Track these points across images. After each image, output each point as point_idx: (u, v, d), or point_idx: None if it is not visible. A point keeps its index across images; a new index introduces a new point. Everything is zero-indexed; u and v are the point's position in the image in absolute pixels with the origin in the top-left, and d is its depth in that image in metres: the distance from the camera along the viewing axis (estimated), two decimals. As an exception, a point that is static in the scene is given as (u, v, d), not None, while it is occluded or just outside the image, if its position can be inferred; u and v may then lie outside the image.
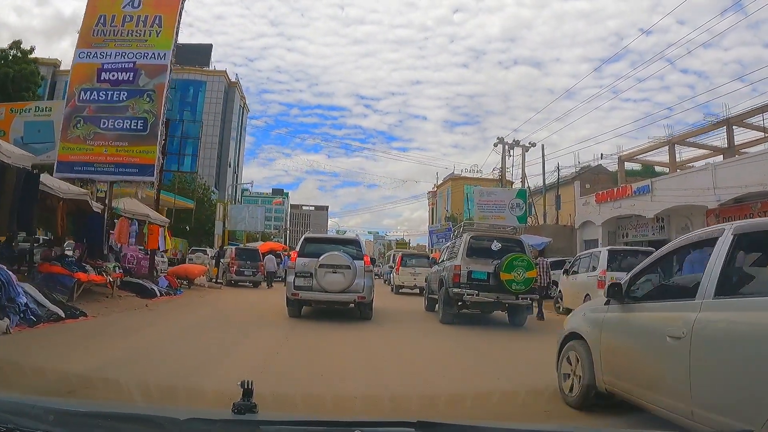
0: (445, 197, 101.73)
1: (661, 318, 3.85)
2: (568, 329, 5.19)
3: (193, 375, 5.55)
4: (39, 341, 7.05)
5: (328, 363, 6.75)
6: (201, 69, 77.46)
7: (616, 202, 26.72)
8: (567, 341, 5.10)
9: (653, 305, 4.14)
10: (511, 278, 10.77)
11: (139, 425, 1.75)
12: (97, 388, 4.58)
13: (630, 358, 4.20)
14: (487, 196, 27.57)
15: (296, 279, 10.69)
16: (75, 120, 15.59)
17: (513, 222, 27.70)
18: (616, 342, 4.40)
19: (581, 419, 4.44)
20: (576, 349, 4.87)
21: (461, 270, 11.10)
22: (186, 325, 10.02)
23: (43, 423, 1.61)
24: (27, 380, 4.72)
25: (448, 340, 9.45)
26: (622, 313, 4.38)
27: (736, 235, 3.50)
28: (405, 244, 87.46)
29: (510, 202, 27.85)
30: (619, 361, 4.31)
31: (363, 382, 5.85)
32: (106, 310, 10.97)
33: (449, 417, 4.02)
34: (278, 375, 5.81)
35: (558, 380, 5.07)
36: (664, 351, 3.61)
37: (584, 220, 29.23)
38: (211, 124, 77.18)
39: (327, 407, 4.56)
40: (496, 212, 27.54)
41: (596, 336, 4.61)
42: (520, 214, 28.04)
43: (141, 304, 12.31)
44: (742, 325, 3.16)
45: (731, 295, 3.40)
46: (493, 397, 5.07)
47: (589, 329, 4.78)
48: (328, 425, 1.89)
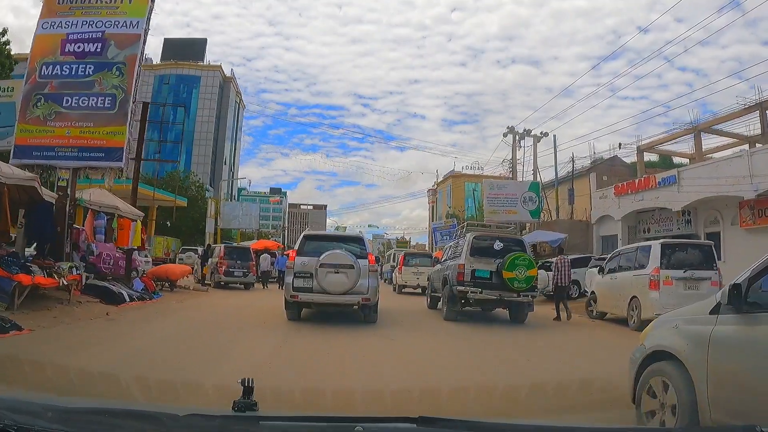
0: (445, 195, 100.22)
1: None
2: (651, 346, 3.87)
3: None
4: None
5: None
6: (195, 64, 75.33)
7: (637, 194, 24.71)
8: (649, 362, 3.82)
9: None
10: (513, 276, 11.10)
11: (139, 421, 1.75)
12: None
13: (762, 390, 2.96)
14: (497, 190, 25.56)
15: (295, 280, 10.03)
16: (35, 98, 13.49)
17: (526, 217, 25.80)
18: (736, 367, 3.20)
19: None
20: (667, 373, 3.61)
21: (465, 269, 11.41)
22: (144, 344, 7.79)
23: (41, 420, 1.59)
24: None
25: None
26: (742, 327, 3.22)
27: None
28: (406, 243, 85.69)
29: (522, 195, 25.84)
30: (741, 395, 3.12)
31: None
32: (54, 320, 8.93)
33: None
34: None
35: (637, 412, 3.84)
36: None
37: (601, 215, 27.23)
38: (205, 120, 75.27)
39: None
40: (507, 206, 25.54)
41: (700, 357, 3.39)
42: (533, 208, 26.05)
43: (102, 312, 10.25)
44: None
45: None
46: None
47: (688, 347, 3.53)
48: (329, 421, 1.89)
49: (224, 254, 19.89)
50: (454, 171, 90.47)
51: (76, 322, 9.04)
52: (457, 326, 10.91)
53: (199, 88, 76.42)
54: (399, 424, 1.82)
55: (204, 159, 71.45)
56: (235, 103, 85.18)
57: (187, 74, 76.67)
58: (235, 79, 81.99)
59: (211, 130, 75.10)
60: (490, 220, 26.71)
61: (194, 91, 76.58)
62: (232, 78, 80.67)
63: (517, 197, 25.66)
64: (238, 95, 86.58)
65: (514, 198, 25.60)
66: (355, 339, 8.53)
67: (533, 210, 25.97)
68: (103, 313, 10.16)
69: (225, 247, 20.63)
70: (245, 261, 20.18)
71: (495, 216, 25.55)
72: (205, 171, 69.74)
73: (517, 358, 7.57)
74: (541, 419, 3.87)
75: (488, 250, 11.69)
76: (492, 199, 25.32)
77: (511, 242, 12.19)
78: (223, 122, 78.75)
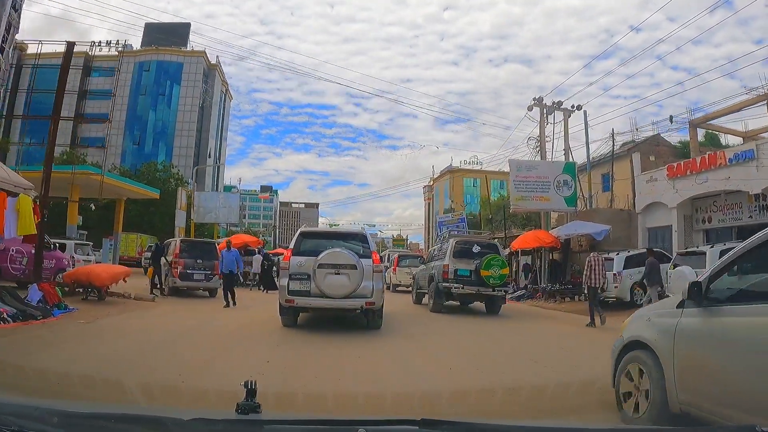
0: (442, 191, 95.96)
1: (762, 324, 3.27)
2: (628, 337, 4.56)
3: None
4: None
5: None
6: (177, 49, 70.07)
7: (700, 174, 20.10)
8: (627, 351, 4.50)
9: (749, 309, 3.49)
10: (489, 274, 13.05)
11: (143, 426, 1.74)
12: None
13: (720, 374, 3.59)
14: (526, 171, 20.80)
15: (291, 282, 9.11)
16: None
17: (560, 204, 21.12)
18: (697, 354, 3.81)
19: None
20: (641, 361, 4.26)
21: (449, 268, 13.25)
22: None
23: (46, 425, 1.61)
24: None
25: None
26: (705, 318, 3.77)
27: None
28: (402, 241, 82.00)
29: (556, 178, 21.12)
30: (702, 378, 3.71)
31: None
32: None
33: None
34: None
35: (616, 398, 4.47)
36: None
37: (649, 202, 22.58)
38: (188, 109, 70.04)
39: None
40: (538, 192, 20.81)
41: (668, 346, 3.98)
42: (568, 194, 21.33)
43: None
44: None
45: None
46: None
47: (659, 338, 4.14)
48: (332, 424, 1.88)
49: (180, 251, 15.03)
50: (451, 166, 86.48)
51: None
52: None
53: (181, 75, 71.04)
54: (401, 426, 1.82)
55: (186, 151, 66.11)
56: (222, 93, 79.82)
57: (168, 61, 71.29)
58: (221, 67, 76.63)
59: (194, 120, 69.66)
60: (518, 208, 22.05)
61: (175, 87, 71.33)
62: (218, 66, 75.21)
63: (549, 181, 20.93)
64: (224, 85, 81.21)
65: (545, 182, 20.87)
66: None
67: (569, 197, 21.26)
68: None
69: (182, 242, 15.67)
70: (209, 260, 15.33)
71: (524, 203, 20.86)
72: (188, 164, 64.46)
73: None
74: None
75: (468, 252, 13.44)
76: (520, 183, 20.57)
77: (487, 246, 14.14)
78: (208, 112, 73.38)
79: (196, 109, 69.99)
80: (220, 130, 79.63)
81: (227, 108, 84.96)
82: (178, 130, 68.67)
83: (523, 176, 20.57)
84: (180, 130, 68.65)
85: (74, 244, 17.77)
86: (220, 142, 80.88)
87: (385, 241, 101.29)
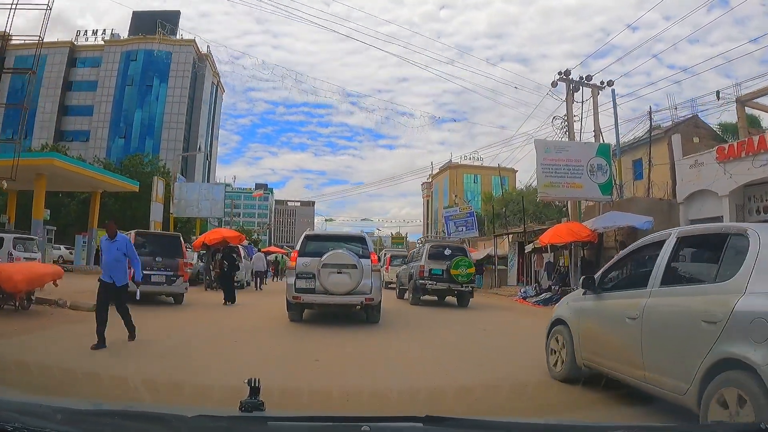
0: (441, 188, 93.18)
1: (622, 304, 4.92)
2: (555, 316, 6.28)
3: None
4: None
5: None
6: (166, 38, 66.65)
7: (757, 156, 17.13)
8: (554, 326, 6.18)
9: (617, 294, 5.26)
10: (458, 273, 15.15)
11: (147, 423, 1.73)
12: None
13: (600, 337, 5.33)
14: (555, 153, 17.75)
15: (297, 281, 9.91)
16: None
17: (594, 192, 18.12)
18: (590, 325, 5.53)
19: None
20: (561, 332, 5.97)
21: (425, 268, 15.52)
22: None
23: (51, 422, 1.57)
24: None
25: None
26: (595, 302, 5.51)
27: (679, 237, 4.64)
28: (402, 239, 79.56)
29: (589, 162, 18.10)
30: (592, 341, 5.44)
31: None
32: None
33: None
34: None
35: (546, 357, 6.20)
36: (625, 330, 4.72)
37: (693, 190, 19.58)
38: (177, 101, 66.66)
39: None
40: (569, 178, 17.80)
41: (576, 321, 5.75)
42: (603, 180, 18.32)
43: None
44: (676, 307, 4.23)
45: (672, 284, 4.47)
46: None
47: (571, 316, 5.90)
48: (336, 421, 1.87)
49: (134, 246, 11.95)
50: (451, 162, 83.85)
51: None
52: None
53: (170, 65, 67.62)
54: (405, 423, 1.83)
55: (174, 145, 62.62)
56: (213, 85, 76.40)
57: (156, 50, 67.84)
58: (212, 57, 73.13)
59: (183, 112, 66.20)
60: (546, 196, 18.99)
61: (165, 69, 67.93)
62: (209, 56, 71.69)
63: (581, 165, 17.91)
64: (215, 76, 77.74)
65: (577, 166, 17.84)
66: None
67: (603, 183, 18.25)
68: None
69: (137, 235, 12.50)
70: (170, 257, 12.21)
71: (553, 191, 17.84)
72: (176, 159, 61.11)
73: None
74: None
75: (441, 254, 15.91)
76: (548, 167, 17.52)
77: (457, 249, 16.85)
78: (198, 105, 69.95)
79: (185, 101, 66.64)
80: (211, 123, 76.21)
81: (219, 101, 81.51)
82: (166, 123, 65.34)
83: (551, 159, 17.53)
84: (168, 123, 65.32)
85: (13, 239, 14.51)
86: (211, 136, 77.53)
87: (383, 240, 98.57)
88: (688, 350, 3.90)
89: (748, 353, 3.40)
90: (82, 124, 69.47)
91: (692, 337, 3.89)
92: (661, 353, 4.24)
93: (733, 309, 3.63)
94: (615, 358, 4.92)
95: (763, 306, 3.47)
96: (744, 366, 3.40)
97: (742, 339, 3.50)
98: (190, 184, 33.62)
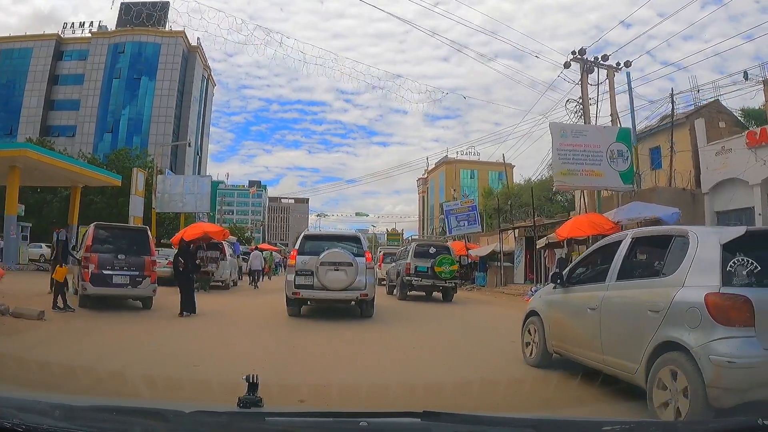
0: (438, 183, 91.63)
1: (584, 296, 5.55)
2: (529, 308, 7.00)
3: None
4: None
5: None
6: (154, 29, 64.49)
7: (797, 140, 15.59)
8: (528, 317, 6.81)
9: (581, 288, 5.84)
10: (441, 270, 16.03)
11: (145, 419, 1.71)
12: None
13: (567, 326, 5.95)
14: (572, 138, 16.04)
15: (297, 277, 10.46)
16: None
17: (614, 181, 16.50)
18: (558, 315, 6.15)
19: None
20: (534, 323, 6.59)
21: (411, 265, 16.39)
22: None
23: (48, 418, 1.56)
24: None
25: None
26: (562, 295, 6.11)
27: (634, 238, 5.27)
28: (398, 235, 78.37)
29: (609, 148, 16.43)
30: (560, 329, 6.05)
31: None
32: None
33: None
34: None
35: (521, 345, 6.85)
36: (586, 319, 5.34)
37: (720, 179, 18.03)
38: (165, 94, 64.59)
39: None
40: (588, 164, 16.13)
41: (547, 312, 6.37)
42: (624, 168, 16.67)
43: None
44: (628, 298, 4.85)
45: (626, 279, 5.06)
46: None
47: (542, 308, 6.54)
48: (334, 416, 1.89)
49: (93, 242, 10.16)
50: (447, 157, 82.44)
51: None
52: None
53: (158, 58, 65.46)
54: (403, 418, 1.85)
55: (163, 139, 60.28)
56: (203, 78, 74.23)
57: (145, 42, 65.70)
58: (203, 50, 70.92)
59: (172, 105, 64.04)
60: (563, 185, 17.32)
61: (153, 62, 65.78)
62: (199, 48, 69.48)
63: (601, 150, 16.23)
64: (206, 69, 75.56)
65: (597, 152, 16.16)
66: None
67: (625, 171, 16.59)
68: None
69: (97, 229, 10.63)
70: (136, 255, 10.40)
71: (570, 179, 16.14)
72: (165, 153, 59.11)
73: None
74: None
75: (426, 253, 16.71)
76: (565, 153, 15.81)
77: (441, 248, 17.87)
78: (188, 98, 67.78)
79: (174, 94, 64.55)
80: (202, 117, 74.09)
81: (210, 95, 79.35)
82: (155, 117, 63.24)
83: (568, 144, 15.83)
84: (156, 117, 63.23)
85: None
86: (202, 131, 75.45)
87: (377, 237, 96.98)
88: (637, 336, 4.49)
89: (683, 336, 4.00)
90: (68, 119, 67.30)
91: (640, 325, 4.46)
92: (615, 339, 4.88)
93: (672, 300, 4.20)
94: (579, 344, 5.57)
95: (697, 297, 4.00)
96: (680, 347, 4.00)
97: (679, 325, 4.08)
98: (174, 177, 31.52)
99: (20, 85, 69.04)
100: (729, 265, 4.04)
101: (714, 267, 4.09)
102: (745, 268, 4.02)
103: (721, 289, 3.95)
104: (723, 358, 3.72)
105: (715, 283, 4.00)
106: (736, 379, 3.72)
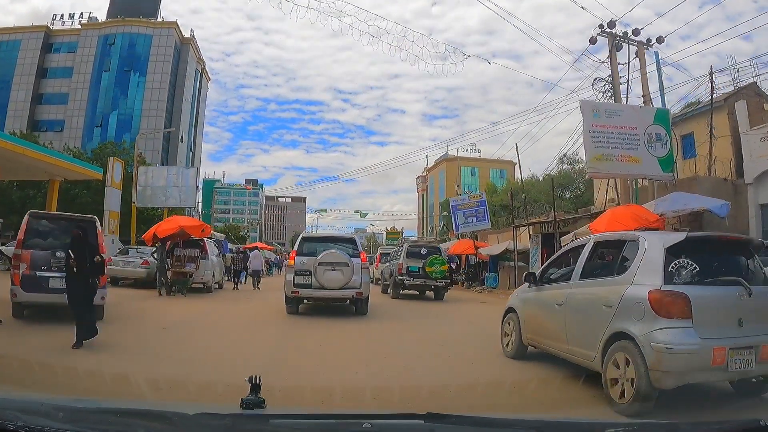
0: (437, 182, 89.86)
1: (553, 294, 6.23)
2: (507, 305, 7.57)
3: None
4: None
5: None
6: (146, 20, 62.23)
7: None
8: (507, 314, 7.45)
9: (551, 286, 6.51)
10: (432, 270, 16.66)
11: (149, 421, 1.71)
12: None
13: (539, 320, 6.60)
14: (606, 118, 13.92)
15: (296, 277, 10.88)
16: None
17: (653, 169, 14.46)
18: (531, 311, 6.78)
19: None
20: (511, 318, 7.25)
21: (403, 265, 16.97)
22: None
23: (52, 420, 1.54)
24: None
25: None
26: (535, 292, 6.80)
27: (595, 242, 6.03)
28: (398, 234, 77.02)
29: (647, 130, 14.35)
30: (533, 323, 6.71)
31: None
32: None
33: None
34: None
35: (500, 339, 7.50)
36: (554, 314, 6.03)
37: (766, 168, 15.97)
38: (157, 87, 62.35)
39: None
40: (624, 148, 14.04)
41: (522, 308, 7.03)
42: (663, 154, 14.59)
43: None
44: (588, 295, 5.52)
45: (587, 278, 5.75)
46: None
47: (519, 304, 7.18)
48: (337, 418, 1.87)
49: (27, 235, 8.04)
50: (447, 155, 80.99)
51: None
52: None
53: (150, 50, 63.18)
54: (407, 420, 1.85)
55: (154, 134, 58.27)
56: (197, 72, 71.92)
57: (136, 33, 63.44)
58: (196, 42, 68.74)
59: (164, 99, 61.83)
60: (597, 173, 15.25)
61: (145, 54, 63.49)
62: (192, 40, 67.31)
63: (638, 133, 14.15)
64: (200, 63, 73.28)
65: (633, 135, 14.08)
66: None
67: (664, 158, 14.51)
68: None
69: (31, 218, 8.39)
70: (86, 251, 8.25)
71: (604, 166, 14.03)
72: (156, 148, 56.98)
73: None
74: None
75: (417, 253, 17.39)
76: (598, 135, 13.69)
77: (432, 248, 18.55)
78: (180, 92, 65.53)
79: (166, 87, 62.29)
80: (195, 111, 71.80)
81: (203, 89, 77.04)
82: (145, 111, 60.96)
83: (602, 125, 13.71)
84: (147, 111, 60.96)
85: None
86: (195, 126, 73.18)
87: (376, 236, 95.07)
88: (594, 327, 5.16)
89: (631, 327, 4.68)
90: (57, 113, 65.05)
91: (597, 318, 5.16)
92: (577, 331, 5.58)
93: (622, 296, 4.89)
94: (549, 336, 6.29)
95: (642, 293, 4.66)
96: (629, 337, 4.67)
97: (628, 318, 4.77)
98: (157, 169, 29.15)
99: (7, 79, 66.78)
100: (671, 266, 4.71)
101: (658, 268, 4.77)
102: (685, 269, 4.69)
103: (663, 287, 4.61)
104: (662, 345, 4.37)
105: (658, 281, 4.68)
106: (674, 363, 4.36)
